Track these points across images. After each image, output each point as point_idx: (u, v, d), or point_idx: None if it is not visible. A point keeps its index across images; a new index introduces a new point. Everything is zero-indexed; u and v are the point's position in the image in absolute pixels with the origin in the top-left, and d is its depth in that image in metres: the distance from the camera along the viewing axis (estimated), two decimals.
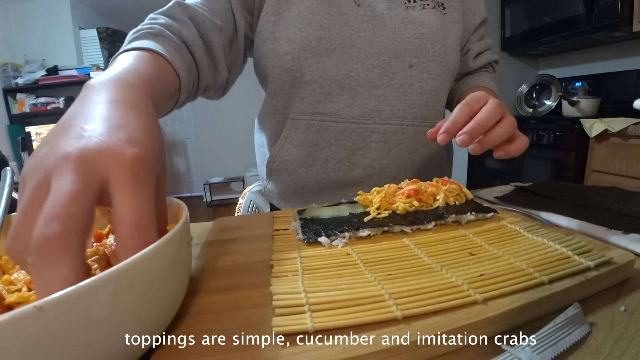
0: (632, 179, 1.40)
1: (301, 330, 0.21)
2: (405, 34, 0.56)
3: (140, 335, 0.19)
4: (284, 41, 0.54)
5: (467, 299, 0.23)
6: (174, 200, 0.29)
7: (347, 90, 0.56)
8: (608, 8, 1.58)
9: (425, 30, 0.56)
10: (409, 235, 0.36)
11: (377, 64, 0.56)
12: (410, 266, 0.29)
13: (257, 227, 0.42)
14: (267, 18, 0.55)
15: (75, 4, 3.22)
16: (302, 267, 0.29)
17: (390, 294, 0.24)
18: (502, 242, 0.33)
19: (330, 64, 0.55)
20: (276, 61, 0.56)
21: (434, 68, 0.57)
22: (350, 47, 0.55)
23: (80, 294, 0.15)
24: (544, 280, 0.25)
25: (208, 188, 3.96)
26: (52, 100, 3.12)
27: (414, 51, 0.56)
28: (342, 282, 0.26)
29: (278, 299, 0.24)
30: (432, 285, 0.25)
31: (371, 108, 0.57)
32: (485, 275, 0.26)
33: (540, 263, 0.27)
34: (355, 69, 0.55)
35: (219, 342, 0.21)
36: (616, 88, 1.86)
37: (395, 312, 0.22)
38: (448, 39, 0.59)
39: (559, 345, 0.20)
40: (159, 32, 0.43)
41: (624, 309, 0.24)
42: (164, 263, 0.20)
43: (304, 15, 0.54)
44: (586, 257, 0.27)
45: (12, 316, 0.13)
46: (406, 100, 0.57)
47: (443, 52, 0.58)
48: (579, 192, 0.47)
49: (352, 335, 0.20)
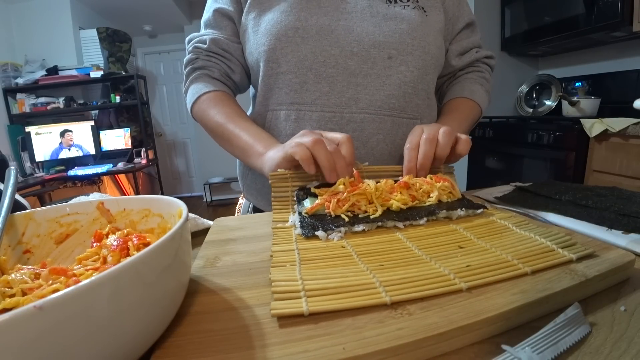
0: (632, 179, 1.40)
1: (297, 313, 0.23)
2: (386, 28, 0.57)
3: (140, 335, 0.19)
4: (261, 34, 0.57)
5: (453, 287, 0.25)
6: (174, 200, 0.29)
7: (324, 78, 0.56)
8: (608, 8, 1.58)
9: (405, 26, 0.58)
10: (402, 230, 0.37)
11: (356, 51, 0.56)
12: (400, 257, 0.30)
13: (257, 227, 0.42)
14: (250, 16, 0.59)
15: (75, 4, 3.22)
16: (299, 257, 0.31)
17: (380, 282, 0.26)
18: (490, 236, 0.34)
19: (306, 51, 0.56)
20: (255, 54, 0.58)
21: (412, 61, 0.58)
22: (328, 34, 0.56)
23: (79, 294, 0.15)
24: (527, 271, 0.26)
25: (208, 188, 3.96)
26: (52, 100, 3.12)
27: (393, 44, 0.57)
28: (336, 271, 0.28)
29: (276, 285, 0.26)
30: (420, 275, 0.27)
31: (348, 97, 0.57)
32: (472, 266, 0.27)
33: (525, 255, 0.29)
34: (333, 55, 0.56)
35: (219, 342, 0.21)
36: (616, 88, 1.86)
37: (384, 298, 0.24)
38: (429, 35, 0.59)
39: (559, 346, 0.20)
40: (211, 69, 0.63)
41: (624, 309, 0.24)
42: (164, 263, 0.20)
43: (282, 9, 0.56)
44: (570, 250, 0.29)
45: (11, 316, 0.13)
46: (384, 91, 0.58)
47: (423, 46, 0.58)
48: (579, 192, 0.47)
49: (352, 335, 0.21)
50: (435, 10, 0.62)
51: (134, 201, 0.33)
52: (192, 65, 0.63)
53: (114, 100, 3.24)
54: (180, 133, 4.44)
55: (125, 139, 3.32)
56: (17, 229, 0.30)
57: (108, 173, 3.07)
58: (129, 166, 3.14)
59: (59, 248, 0.32)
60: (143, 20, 3.81)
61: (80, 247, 0.32)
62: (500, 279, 0.26)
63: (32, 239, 0.31)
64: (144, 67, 4.32)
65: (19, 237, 0.30)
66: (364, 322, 0.22)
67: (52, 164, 3.07)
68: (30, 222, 0.31)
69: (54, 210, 0.32)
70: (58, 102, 3.13)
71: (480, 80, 0.69)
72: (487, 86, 0.69)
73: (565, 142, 1.64)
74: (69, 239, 0.32)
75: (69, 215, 0.32)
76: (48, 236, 0.32)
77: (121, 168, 3.10)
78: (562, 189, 0.49)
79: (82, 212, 0.33)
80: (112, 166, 3.09)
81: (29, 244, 0.31)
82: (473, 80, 0.68)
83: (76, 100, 3.25)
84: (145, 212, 0.32)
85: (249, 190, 0.69)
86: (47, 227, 0.32)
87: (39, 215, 0.31)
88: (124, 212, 0.33)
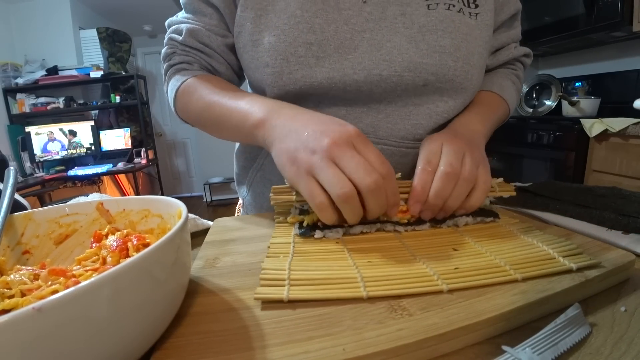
0: (632, 179, 1.40)
1: (277, 299, 0.24)
2: (423, 44, 0.44)
3: (140, 336, 0.19)
4: (264, 48, 0.44)
5: (433, 288, 0.25)
6: (174, 200, 0.29)
7: (341, 100, 0.47)
8: (608, 8, 1.58)
9: (448, 41, 0.45)
10: (402, 232, 0.37)
11: (385, 75, 0.44)
12: (391, 256, 0.30)
13: (257, 228, 0.42)
14: (246, 14, 0.45)
15: (75, 4, 3.22)
16: (293, 250, 0.32)
17: (362, 277, 0.27)
18: (490, 240, 0.33)
19: (322, 76, 0.44)
20: (257, 74, 0.47)
21: (449, 90, 0.47)
22: (350, 52, 0.44)
23: (78, 295, 0.15)
24: (518, 278, 0.25)
25: (208, 188, 3.96)
26: (52, 100, 3.12)
27: (432, 67, 0.45)
28: (324, 265, 0.29)
29: (264, 273, 0.28)
30: (404, 273, 0.27)
31: (366, 123, 0.48)
32: (460, 269, 0.27)
33: (520, 262, 0.28)
34: (356, 81, 0.44)
35: (219, 343, 0.21)
36: (616, 88, 1.86)
37: (362, 292, 0.25)
38: (474, 54, 0.47)
39: (560, 346, 0.20)
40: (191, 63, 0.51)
41: (625, 310, 0.24)
42: (164, 264, 0.20)
43: (290, 12, 0.43)
44: (572, 259, 0.27)
45: (10, 318, 0.13)
46: (410, 120, 0.47)
47: (466, 71, 0.46)
48: (579, 192, 0.47)
49: (352, 336, 0.20)
50: (488, 5, 0.49)
51: (133, 202, 0.33)
52: (169, 61, 0.52)
53: (114, 100, 3.25)
54: (180, 133, 4.44)
55: (125, 139, 3.33)
56: (17, 229, 0.30)
57: (108, 173, 3.08)
58: (129, 166, 3.14)
59: (58, 249, 0.32)
60: (143, 20, 3.81)
61: (80, 247, 0.32)
62: (486, 283, 0.25)
63: (31, 239, 0.31)
64: (144, 67, 4.32)
65: (18, 238, 0.30)
66: (364, 322, 0.22)
67: (52, 164, 3.08)
68: (30, 223, 0.31)
69: (53, 211, 0.32)
70: (58, 102, 3.13)
71: (512, 77, 0.58)
72: (518, 85, 0.59)
73: (565, 142, 1.64)
74: (69, 239, 0.32)
75: (68, 215, 0.32)
76: (47, 237, 0.31)
77: (121, 168, 3.10)
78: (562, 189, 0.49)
79: (81, 212, 0.33)
80: (112, 166, 3.10)
81: (28, 245, 0.31)
82: (504, 75, 0.58)
83: (76, 100, 3.25)
84: (145, 213, 0.32)
85: (248, 205, 0.64)
86: (47, 228, 0.31)
87: (38, 216, 0.31)
88: (124, 213, 0.33)
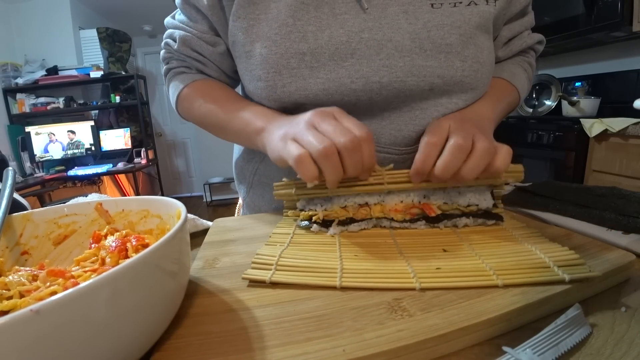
0: (632, 179, 1.40)
1: (260, 280, 0.28)
2: (428, 43, 0.41)
3: (139, 337, 0.19)
4: (255, 61, 0.43)
5: (406, 285, 0.26)
6: (173, 201, 0.29)
7: (340, 107, 0.43)
8: (608, 8, 1.58)
9: (455, 38, 0.41)
10: (397, 229, 0.38)
11: (386, 81, 0.41)
12: (377, 252, 0.32)
13: (256, 228, 0.42)
14: (238, 24, 0.43)
15: (75, 4, 3.21)
16: (290, 241, 0.35)
17: (342, 269, 0.28)
18: (485, 244, 0.32)
19: (317, 87, 0.41)
20: (250, 87, 0.46)
21: (458, 92, 0.44)
22: (347, 58, 0.41)
23: (77, 297, 0.15)
24: (499, 284, 0.25)
25: (208, 188, 3.96)
26: (52, 100, 3.12)
27: (438, 69, 0.41)
28: (312, 255, 0.32)
29: (257, 258, 0.31)
30: (383, 269, 0.28)
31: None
32: (441, 269, 0.28)
33: (508, 267, 0.27)
34: (354, 91, 0.41)
35: (218, 344, 0.21)
36: (616, 88, 1.86)
37: (336, 282, 0.26)
38: (483, 49, 0.43)
39: (560, 347, 0.20)
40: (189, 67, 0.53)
41: (625, 310, 0.24)
42: (163, 264, 0.20)
43: (281, 20, 0.41)
44: (568, 269, 0.25)
45: (8, 320, 0.13)
46: (415, 125, 0.44)
47: (475, 70, 0.43)
48: (579, 192, 0.47)
49: (352, 337, 0.20)
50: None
51: (132, 202, 0.32)
52: (167, 65, 0.54)
53: (114, 100, 3.24)
54: (180, 133, 4.44)
55: (125, 139, 3.32)
56: (15, 230, 0.30)
57: (108, 173, 3.07)
58: (128, 166, 3.14)
59: (57, 249, 0.32)
60: (143, 20, 3.81)
61: (79, 248, 0.32)
62: (463, 286, 0.25)
63: (30, 240, 0.31)
64: (144, 67, 4.32)
65: (17, 239, 0.30)
66: (364, 323, 0.22)
67: (52, 164, 3.07)
68: (28, 223, 0.31)
69: (52, 211, 0.32)
70: (58, 102, 3.13)
71: (524, 65, 0.55)
72: (530, 73, 0.55)
73: (565, 142, 1.64)
74: (67, 240, 0.32)
75: (67, 216, 0.32)
76: (46, 237, 0.31)
77: (121, 168, 3.10)
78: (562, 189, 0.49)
79: (80, 213, 0.33)
80: (112, 166, 3.09)
81: (26, 245, 0.30)
82: (515, 62, 0.55)
83: (76, 100, 3.25)
84: (144, 213, 0.32)
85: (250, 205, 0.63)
86: (45, 228, 0.31)
87: (37, 216, 0.31)
88: (123, 213, 0.33)
